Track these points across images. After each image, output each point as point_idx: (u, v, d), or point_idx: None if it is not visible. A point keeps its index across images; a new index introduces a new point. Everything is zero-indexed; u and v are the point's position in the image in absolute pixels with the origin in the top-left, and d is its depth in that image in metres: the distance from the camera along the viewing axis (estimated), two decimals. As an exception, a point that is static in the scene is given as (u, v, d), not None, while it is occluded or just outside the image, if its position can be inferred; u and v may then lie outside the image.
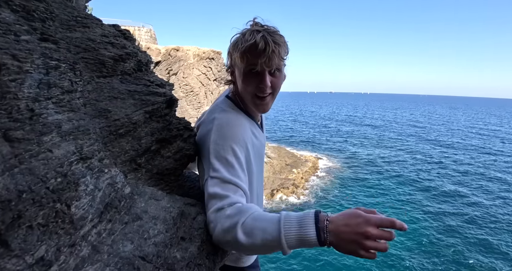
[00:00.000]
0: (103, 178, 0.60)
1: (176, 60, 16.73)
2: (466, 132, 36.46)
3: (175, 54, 16.79)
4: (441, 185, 16.86)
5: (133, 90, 0.94)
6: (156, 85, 1.06)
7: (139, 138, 0.85)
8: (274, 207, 14.88)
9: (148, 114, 0.93)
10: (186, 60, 17.41)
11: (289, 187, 16.93)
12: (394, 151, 25.30)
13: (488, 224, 12.44)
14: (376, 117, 56.01)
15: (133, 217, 0.61)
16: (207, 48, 18.84)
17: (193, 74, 17.61)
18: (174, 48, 16.80)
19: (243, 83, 0.86)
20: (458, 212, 13.55)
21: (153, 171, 0.88)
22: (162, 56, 15.89)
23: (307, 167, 20.25)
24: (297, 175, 18.35)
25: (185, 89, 17.03)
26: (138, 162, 0.84)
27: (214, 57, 18.97)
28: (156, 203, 0.70)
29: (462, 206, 14.22)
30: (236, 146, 0.79)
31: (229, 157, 0.76)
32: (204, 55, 18.39)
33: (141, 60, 1.12)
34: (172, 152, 0.96)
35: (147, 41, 18.17)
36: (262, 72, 0.83)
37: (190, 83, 17.30)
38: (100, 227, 0.54)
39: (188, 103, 17.09)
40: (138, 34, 16.94)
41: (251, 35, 0.80)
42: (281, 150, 22.98)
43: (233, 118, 0.85)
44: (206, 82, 18.35)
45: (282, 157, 20.83)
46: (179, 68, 16.96)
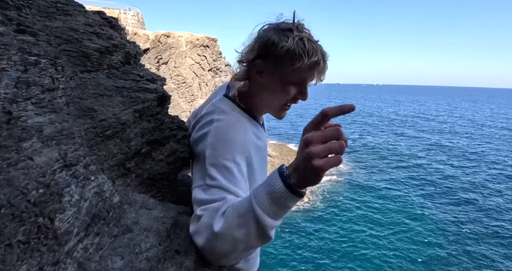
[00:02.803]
0: (89, 187, 0.60)
1: (166, 48, 16.63)
2: (493, 130, 36.23)
3: (165, 41, 16.68)
4: (463, 191, 16.76)
5: (121, 86, 0.94)
6: (146, 80, 1.05)
7: (128, 140, 0.85)
8: (275, 210, 14.97)
9: (138, 113, 0.92)
10: (178, 48, 17.31)
11: (292, 189, 17.00)
12: (410, 150, 25.33)
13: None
14: (391, 111, 56.01)
15: (123, 229, 0.61)
16: (201, 34, 18.72)
17: (185, 64, 17.53)
18: (164, 34, 16.68)
19: (285, 91, 0.86)
20: (481, 224, 13.39)
21: (144, 176, 0.88)
22: (150, 43, 15.79)
23: (312, 166, 20.29)
24: (301, 176, 18.41)
25: (177, 80, 16.97)
26: (127, 166, 0.84)
27: (209, 44, 18.87)
28: (148, 212, 0.70)
29: (484, 217, 13.97)
30: (237, 151, 0.78)
31: (228, 163, 0.74)
32: (198, 42, 18.28)
33: (129, 52, 1.11)
34: (164, 154, 0.96)
35: (134, 26, 18.03)
36: (306, 85, 0.86)
37: (182, 73, 17.23)
38: (87, 242, 0.54)
39: (180, 95, 17.04)
40: (123, 18, 16.80)
41: (311, 48, 0.79)
42: (283, 148, 23.03)
43: (234, 121, 0.84)
44: (200, 72, 18.28)
45: (284, 156, 20.89)
46: (170, 56, 16.87)
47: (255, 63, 0.85)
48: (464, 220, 13.57)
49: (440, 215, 14.08)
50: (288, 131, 32.98)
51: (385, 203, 15.55)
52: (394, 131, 33.79)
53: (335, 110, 0.55)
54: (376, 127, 36.43)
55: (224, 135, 0.79)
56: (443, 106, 71.08)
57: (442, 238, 12.10)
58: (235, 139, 0.79)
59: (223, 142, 0.78)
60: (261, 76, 0.87)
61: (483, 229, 12.76)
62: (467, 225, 13.16)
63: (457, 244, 11.73)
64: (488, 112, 58.60)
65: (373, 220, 13.85)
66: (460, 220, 13.60)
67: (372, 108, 61.08)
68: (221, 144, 0.78)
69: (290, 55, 0.79)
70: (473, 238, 12.05)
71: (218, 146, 0.77)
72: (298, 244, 11.98)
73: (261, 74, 0.87)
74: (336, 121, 0.66)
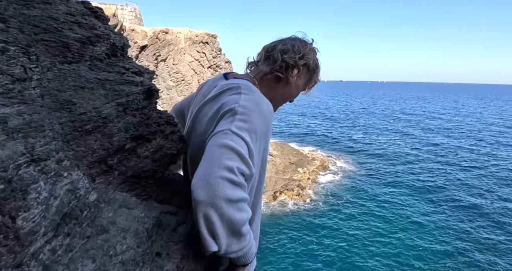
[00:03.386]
0: (62, 184, 0.57)
1: (165, 44, 16.61)
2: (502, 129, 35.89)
3: (163, 37, 16.66)
4: (472, 197, 16.51)
5: (104, 79, 0.91)
6: (132, 73, 1.02)
7: (110, 135, 0.82)
8: (276, 212, 14.94)
9: (122, 107, 0.90)
10: (177, 44, 17.28)
11: (293, 189, 16.98)
12: (416, 150, 25.21)
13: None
14: (396, 109, 55.81)
15: (98, 230, 0.58)
16: (201, 31, 18.67)
17: (184, 61, 17.51)
18: (163, 31, 16.66)
19: (300, 89, 1.13)
20: (489, 230, 13.23)
21: (128, 174, 0.86)
22: (148, 40, 15.77)
23: (314, 166, 20.28)
24: (303, 176, 18.39)
25: (176, 78, 16.95)
26: (109, 163, 0.81)
27: (208, 41, 18.82)
28: (127, 212, 0.67)
29: (493, 222, 13.74)
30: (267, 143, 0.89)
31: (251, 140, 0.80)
32: (197, 39, 18.24)
33: (115, 44, 1.08)
34: (150, 151, 0.93)
35: (132, 22, 18.01)
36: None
37: (181, 70, 17.21)
38: (55, 243, 0.51)
39: (179, 93, 17.03)
40: (121, 14, 16.79)
41: (318, 61, 1.13)
42: (284, 146, 22.99)
43: (269, 104, 0.90)
44: (199, 69, 18.24)
45: (286, 155, 20.85)
46: (169, 53, 16.85)
47: (298, 69, 1.05)
48: (472, 226, 13.48)
49: (445, 220, 13.98)
50: (290, 130, 32.95)
51: (389, 205, 15.49)
52: (399, 131, 33.70)
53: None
54: (381, 127, 36.35)
55: (260, 113, 0.83)
56: (449, 103, 70.80)
57: (446, 244, 12.05)
58: (268, 122, 0.86)
59: (258, 112, 0.83)
60: (295, 77, 1.06)
61: (493, 235, 12.65)
62: (475, 230, 13.07)
63: (464, 250, 11.68)
64: (497, 109, 58.23)
65: (375, 222, 13.81)
66: (468, 225, 13.51)
67: (377, 106, 60.95)
68: (255, 113, 0.82)
69: (316, 67, 1.11)
70: (482, 245, 11.96)
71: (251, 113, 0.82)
72: (300, 243, 11.97)
73: (296, 76, 1.06)
74: (340, 120, 0.63)
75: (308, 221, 13.87)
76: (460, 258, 11.02)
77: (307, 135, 30.50)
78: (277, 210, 15.08)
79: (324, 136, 30.14)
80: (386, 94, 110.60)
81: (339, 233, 12.98)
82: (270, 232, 12.86)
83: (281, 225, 13.53)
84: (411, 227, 13.26)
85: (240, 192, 0.70)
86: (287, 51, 1.03)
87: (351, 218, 14.17)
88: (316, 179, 18.75)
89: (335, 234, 12.92)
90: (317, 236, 12.69)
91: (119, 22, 13.15)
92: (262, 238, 12.26)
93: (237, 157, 0.72)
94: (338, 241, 12.32)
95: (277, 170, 18.56)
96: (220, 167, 0.69)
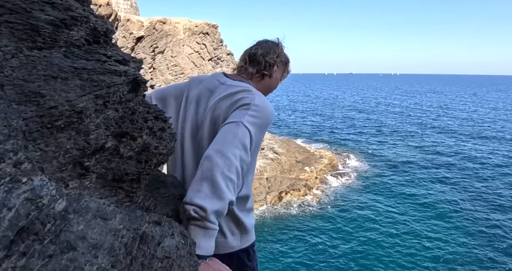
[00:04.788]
0: (19, 191, 0.50)
1: (162, 35, 16.55)
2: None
3: (161, 28, 16.59)
4: (498, 196, 16.19)
5: (81, 68, 0.84)
6: (115, 61, 0.95)
7: (86, 133, 0.76)
8: (282, 213, 14.89)
9: (101, 100, 0.83)
10: (175, 36, 17.21)
11: (300, 189, 16.91)
12: (433, 147, 24.90)
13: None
14: (411, 103, 55.20)
15: (63, 247, 0.51)
16: (201, 21, 18.57)
17: (183, 53, 17.44)
18: (160, 21, 16.59)
19: (278, 81, 1.45)
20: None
21: (108, 177, 0.79)
22: (145, 30, 15.72)
23: (322, 164, 20.17)
24: (310, 175, 18.30)
25: (174, 71, 16.91)
26: (86, 165, 0.75)
27: (209, 31, 18.73)
28: (102, 224, 0.60)
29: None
30: (265, 131, 1.13)
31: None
32: (197, 29, 18.15)
33: (96, 28, 1.01)
34: (135, 150, 0.86)
35: (127, 12, 17.97)
36: None
37: (180, 63, 17.16)
38: (7, 265, 0.44)
39: (178, 87, 16.98)
40: (115, 3, 16.74)
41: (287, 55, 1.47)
42: (290, 144, 22.90)
43: (272, 107, 1.18)
44: (199, 62, 18.18)
45: (292, 153, 20.76)
46: (167, 45, 16.79)
47: (277, 65, 1.39)
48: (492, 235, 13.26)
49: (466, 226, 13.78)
50: (296, 127, 32.80)
51: (403, 208, 15.31)
52: (414, 128, 33.34)
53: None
54: (394, 123, 36.00)
55: (265, 119, 1.12)
56: (469, 97, 69.83)
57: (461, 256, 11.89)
58: (271, 115, 1.16)
59: (266, 112, 1.12)
60: (275, 73, 1.40)
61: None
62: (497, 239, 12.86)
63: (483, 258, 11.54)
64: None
65: (387, 227, 13.67)
66: (488, 234, 13.28)
67: (390, 101, 60.39)
68: (261, 125, 1.10)
69: (287, 61, 1.45)
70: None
71: (261, 111, 1.11)
72: (307, 246, 11.92)
73: (276, 71, 1.40)
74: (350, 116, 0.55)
75: (315, 223, 13.80)
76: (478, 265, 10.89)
77: (314, 132, 30.36)
78: (282, 211, 15.03)
79: (333, 133, 29.95)
80: (399, 87, 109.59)
81: (349, 237, 12.90)
82: (275, 234, 12.83)
83: (287, 227, 13.49)
84: (426, 234, 13.07)
85: (234, 176, 0.95)
86: (267, 53, 1.35)
87: (362, 222, 14.06)
88: (324, 179, 18.65)
89: (344, 238, 12.85)
90: (325, 240, 12.63)
91: (113, 12, 13.11)
92: (266, 240, 12.24)
93: (242, 147, 1.01)
94: (347, 246, 12.25)
95: (283, 169, 18.48)
96: (230, 150, 0.97)
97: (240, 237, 1.22)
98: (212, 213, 0.88)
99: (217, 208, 0.89)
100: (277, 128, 30.64)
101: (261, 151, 18.24)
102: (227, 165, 0.93)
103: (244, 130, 1.03)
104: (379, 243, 12.41)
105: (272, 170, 17.99)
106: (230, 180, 0.93)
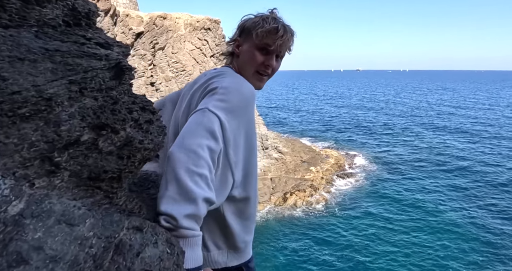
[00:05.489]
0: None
1: (163, 31, 16.51)
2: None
3: (161, 24, 16.55)
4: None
5: (54, 49, 0.75)
6: (95, 44, 0.87)
7: (57, 123, 0.67)
8: (286, 215, 14.79)
9: (77, 86, 0.74)
10: (176, 31, 17.17)
11: (305, 190, 16.80)
12: (445, 148, 24.55)
13: None
14: (421, 101, 54.67)
15: (11, 260, 0.43)
16: (202, 16, 18.52)
17: (184, 49, 17.40)
18: (160, 16, 16.55)
19: (252, 57, 1.18)
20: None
21: (83, 175, 0.70)
22: (145, 26, 15.69)
23: (328, 164, 20.04)
24: (315, 175, 18.18)
25: (175, 68, 16.87)
26: (56, 161, 0.66)
27: (211, 27, 18.66)
28: (68, 230, 0.51)
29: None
30: (250, 125, 1.04)
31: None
32: (199, 25, 18.09)
33: (76, 9, 0.92)
34: (117, 145, 0.78)
35: (126, 7, 17.96)
36: (271, 53, 1.18)
37: (181, 60, 17.12)
38: None
39: (179, 85, 16.95)
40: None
41: (273, 20, 1.16)
42: (295, 143, 22.79)
43: (249, 86, 1.08)
44: (201, 58, 18.13)
45: (297, 152, 20.65)
46: (167, 41, 16.75)
47: (236, 40, 1.23)
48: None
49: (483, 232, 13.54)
50: (301, 125, 32.65)
51: (412, 211, 15.12)
52: (424, 126, 33.02)
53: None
54: (404, 122, 35.68)
55: (240, 98, 1.01)
56: (483, 94, 68.96)
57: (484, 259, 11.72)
58: (251, 108, 1.04)
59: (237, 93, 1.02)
60: (239, 49, 1.22)
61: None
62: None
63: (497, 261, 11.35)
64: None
65: (396, 231, 13.52)
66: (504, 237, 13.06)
67: (399, 99, 59.92)
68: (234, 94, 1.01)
69: (255, 24, 1.16)
70: None
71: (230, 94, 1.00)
72: (313, 250, 11.82)
73: (238, 47, 1.23)
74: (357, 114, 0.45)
75: (321, 226, 13.68)
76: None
77: (320, 131, 30.20)
78: (287, 213, 14.93)
79: (340, 132, 29.77)
80: (409, 84, 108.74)
81: (356, 241, 12.76)
82: (279, 237, 12.73)
83: (291, 229, 13.39)
84: (437, 240, 12.86)
85: (204, 170, 0.85)
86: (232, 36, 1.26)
87: (370, 226, 13.90)
88: (330, 179, 18.52)
89: (351, 242, 12.72)
90: (330, 245, 12.51)
91: (111, 7, 13.09)
92: (269, 242, 12.15)
93: (210, 135, 0.91)
94: (355, 251, 12.13)
95: (287, 169, 18.38)
96: (194, 141, 0.88)
97: (227, 253, 1.09)
98: (183, 218, 0.78)
99: (188, 212, 0.79)
100: (281, 126, 30.52)
101: (265, 151, 18.14)
102: (191, 159, 0.84)
103: (210, 116, 0.93)
104: (387, 247, 12.25)
105: (277, 170, 17.89)
106: (199, 175, 0.83)
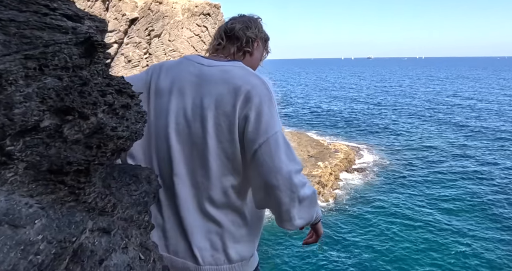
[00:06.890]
0: None
1: (159, 17, 16.38)
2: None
3: (157, 9, 16.42)
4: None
5: (8, 19, 0.68)
6: (61, 15, 0.79)
7: (8, 105, 0.60)
8: (293, 213, 14.79)
9: (35, 63, 0.67)
10: (173, 17, 17.03)
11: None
12: (461, 143, 24.24)
13: None
14: (438, 91, 54.04)
15: None
16: (201, 0, 18.32)
17: (182, 36, 17.27)
18: (156, 0, 16.40)
19: (258, 61, 1.39)
20: None
21: (42, 168, 0.64)
22: (139, 12, 15.57)
23: (337, 159, 19.95)
24: (324, 171, 18.12)
25: (172, 57, 16.77)
26: (8, 150, 0.59)
27: (210, 12, 18.48)
28: (10, 233, 0.45)
29: None
30: None
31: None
32: (197, 10, 17.93)
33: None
34: (85, 132, 0.71)
35: (120, -8, 17.82)
36: None
37: (178, 48, 17.01)
38: None
39: (177, 75, 16.90)
40: (106, -18, 16.60)
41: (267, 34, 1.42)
42: (302, 137, 22.71)
43: (267, 81, 1.18)
44: (200, 46, 17.99)
45: (304, 146, 20.59)
46: (163, 27, 16.63)
47: (257, 41, 1.33)
48: None
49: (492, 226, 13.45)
50: (308, 118, 32.50)
51: (428, 210, 15.01)
52: (442, 119, 32.68)
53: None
54: (419, 113, 35.35)
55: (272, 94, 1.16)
56: (505, 83, 67.92)
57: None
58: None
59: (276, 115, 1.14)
60: (256, 50, 1.34)
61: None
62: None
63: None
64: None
65: (410, 229, 13.45)
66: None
67: (415, 88, 59.31)
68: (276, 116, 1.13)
69: (267, 38, 1.39)
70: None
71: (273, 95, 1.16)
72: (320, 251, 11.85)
73: (256, 48, 1.34)
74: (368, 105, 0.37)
75: (329, 226, 13.66)
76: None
77: (328, 123, 30.04)
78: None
79: (349, 125, 29.58)
80: (425, 72, 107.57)
81: (367, 240, 12.75)
82: (284, 237, 12.76)
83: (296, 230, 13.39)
84: (452, 243, 12.73)
85: (298, 176, 1.11)
86: (246, 28, 1.27)
87: (381, 224, 13.85)
88: (339, 176, 18.46)
89: (362, 242, 12.71)
90: (340, 245, 12.51)
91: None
92: (272, 243, 12.17)
93: (287, 149, 1.12)
94: (365, 250, 12.11)
95: (293, 164, 18.36)
96: (284, 165, 1.07)
97: (248, 261, 1.18)
98: (299, 218, 1.15)
99: (302, 215, 1.16)
100: (287, 119, 30.39)
101: (269, 145, 18.10)
102: (296, 188, 1.08)
103: (280, 135, 1.11)
104: (400, 247, 12.22)
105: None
106: (306, 194, 1.13)
